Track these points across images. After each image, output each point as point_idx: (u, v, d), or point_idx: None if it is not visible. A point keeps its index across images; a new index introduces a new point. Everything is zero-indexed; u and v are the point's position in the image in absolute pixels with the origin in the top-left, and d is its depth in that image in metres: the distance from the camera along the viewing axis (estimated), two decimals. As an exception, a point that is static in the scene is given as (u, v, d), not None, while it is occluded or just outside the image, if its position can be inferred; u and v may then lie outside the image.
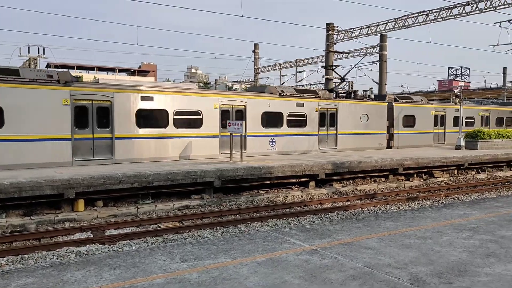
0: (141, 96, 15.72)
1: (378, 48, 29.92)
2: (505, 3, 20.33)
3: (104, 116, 15.09)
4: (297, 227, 7.49)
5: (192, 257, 5.66)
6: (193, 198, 13.39)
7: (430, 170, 19.16)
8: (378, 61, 30.04)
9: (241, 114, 18.23)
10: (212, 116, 17.38)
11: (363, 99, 22.94)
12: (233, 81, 62.34)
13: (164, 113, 16.29)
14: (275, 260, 5.52)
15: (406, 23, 24.77)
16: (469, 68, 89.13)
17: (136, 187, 12.42)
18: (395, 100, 24.33)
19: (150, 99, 15.93)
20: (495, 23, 20.40)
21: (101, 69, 67.35)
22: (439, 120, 26.40)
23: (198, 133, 17.07)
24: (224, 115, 17.76)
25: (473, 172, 20.52)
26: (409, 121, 24.72)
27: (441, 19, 22.94)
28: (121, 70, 72.62)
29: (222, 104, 17.62)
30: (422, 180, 18.44)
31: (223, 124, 17.48)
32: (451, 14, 22.50)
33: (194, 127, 16.98)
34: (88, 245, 9.12)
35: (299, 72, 38.20)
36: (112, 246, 9.05)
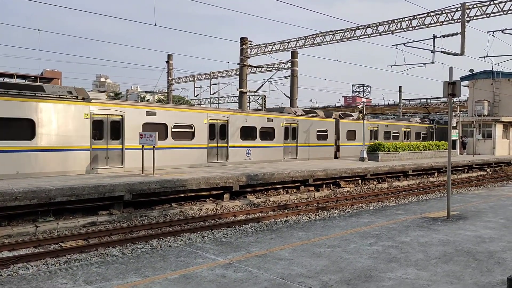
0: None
1: (290, 64, 31.13)
2: (401, 27, 22.41)
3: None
4: (211, 240, 7.37)
5: (98, 278, 5.26)
6: (100, 214, 12.59)
7: (337, 180, 20.20)
8: (289, 76, 31.22)
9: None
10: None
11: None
12: (145, 92, 60.59)
13: None
14: (189, 276, 5.34)
15: (315, 41, 26.12)
16: (370, 86, 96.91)
17: (36, 203, 11.36)
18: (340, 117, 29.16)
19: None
20: (392, 45, 22.34)
21: (-5, 74, 61.18)
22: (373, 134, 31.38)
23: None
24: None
25: (375, 182, 22.05)
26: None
27: (346, 39, 24.56)
28: (20, 77, 66.76)
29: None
30: (330, 190, 19.36)
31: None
32: (354, 35, 24.20)
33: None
34: (-25, 270, 8.08)
35: (214, 84, 38.33)
36: (5, 270, 8.12)
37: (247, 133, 21.61)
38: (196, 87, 40.78)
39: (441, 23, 20.98)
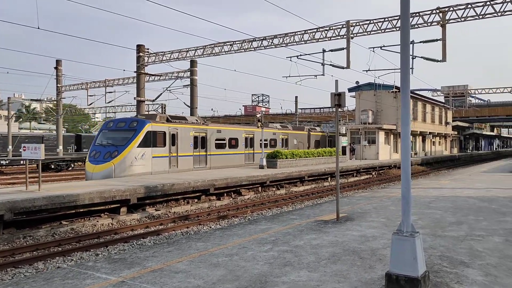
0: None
1: (189, 72, 30.98)
2: (294, 41, 23.68)
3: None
4: (105, 258, 6.97)
5: (-34, 312, 4.64)
6: (-25, 237, 11.17)
7: (238, 188, 20.50)
8: (189, 85, 31.05)
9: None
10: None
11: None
12: (31, 100, 55.68)
13: None
14: (76, 299, 4.97)
15: (214, 51, 26.38)
16: (269, 96, 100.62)
17: None
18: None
19: None
20: (287, 57, 23.48)
21: None
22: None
23: None
24: None
25: (274, 189, 22.82)
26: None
27: (243, 50, 25.22)
28: None
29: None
30: (231, 198, 19.56)
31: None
32: (251, 46, 24.97)
33: None
34: None
35: (109, 92, 36.57)
36: None
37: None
38: (90, 95, 38.55)
39: (329, 38, 22.60)
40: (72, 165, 36.40)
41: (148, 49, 28.44)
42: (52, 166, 34.13)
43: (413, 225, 5.22)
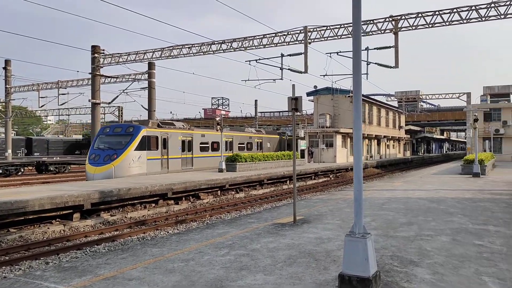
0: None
1: (147, 75, 30.45)
2: (253, 45, 23.85)
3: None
4: (55, 267, 6.70)
5: None
6: None
7: (197, 192, 20.30)
8: (147, 87, 30.51)
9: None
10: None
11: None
12: (-23, 101, 52.65)
13: None
14: (22, 311, 4.74)
15: (172, 54, 26.09)
16: (229, 99, 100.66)
17: None
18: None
19: None
20: (246, 61, 23.58)
21: None
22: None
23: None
24: None
25: (233, 192, 22.78)
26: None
27: (202, 53, 25.11)
28: None
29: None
30: (190, 203, 19.34)
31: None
32: (210, 49, 24.90)
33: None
34: None
35: (62, 94, 35.27)
36: None
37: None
38: (41, 97, 37.07)
39: (287, 43, 22.92)
40: (22, 170, 34.77)
41: (103, 50, 27.72)
42: (0, 171, 32.46)
43: (365, 226, 5.37)
